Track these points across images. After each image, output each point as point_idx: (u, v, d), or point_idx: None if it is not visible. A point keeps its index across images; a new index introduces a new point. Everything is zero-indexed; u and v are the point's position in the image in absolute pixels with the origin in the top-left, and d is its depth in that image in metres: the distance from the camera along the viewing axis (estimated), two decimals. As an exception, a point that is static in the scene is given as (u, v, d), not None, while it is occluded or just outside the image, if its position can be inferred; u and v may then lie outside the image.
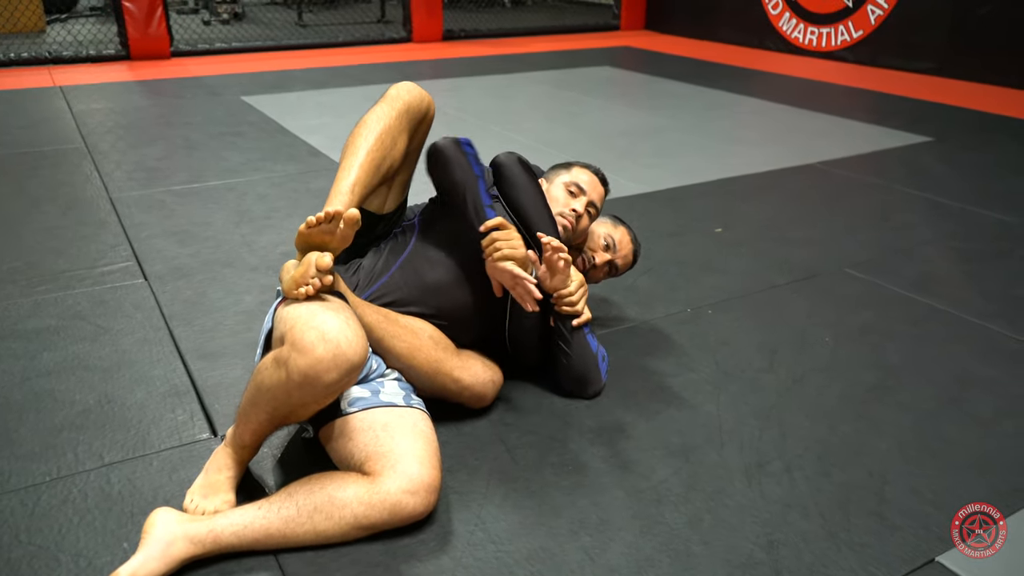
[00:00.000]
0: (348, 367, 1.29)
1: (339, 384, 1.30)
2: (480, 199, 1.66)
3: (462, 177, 1.68)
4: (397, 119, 1.66)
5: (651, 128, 4.38)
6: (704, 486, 1.52)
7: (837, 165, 3.71)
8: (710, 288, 2.38)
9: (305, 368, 1.27)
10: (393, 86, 1.73)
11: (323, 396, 1.32)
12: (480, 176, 1.70)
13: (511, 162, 1.77)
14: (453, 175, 1.69)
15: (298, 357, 1.27)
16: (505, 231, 1.63)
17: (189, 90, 5.23)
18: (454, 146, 1.72)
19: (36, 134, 4.05)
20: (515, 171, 1.75)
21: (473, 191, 1.67)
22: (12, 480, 1.51)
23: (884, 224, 2.95)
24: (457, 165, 1.70)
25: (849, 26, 6.60)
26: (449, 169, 1.70)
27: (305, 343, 1.27)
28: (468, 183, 1.68)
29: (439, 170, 1.72)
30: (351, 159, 1.60)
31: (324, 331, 1.28)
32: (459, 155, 1.71)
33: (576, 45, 7.54)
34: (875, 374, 1.93)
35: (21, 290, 2.29)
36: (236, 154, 3.72)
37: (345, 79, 5.68)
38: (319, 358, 1.26)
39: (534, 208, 1.73)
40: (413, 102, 1.69)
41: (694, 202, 3.16)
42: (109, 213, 2.92)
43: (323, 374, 1.27)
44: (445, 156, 1.70)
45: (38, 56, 6.16)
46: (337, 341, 1.27)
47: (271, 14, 9.14)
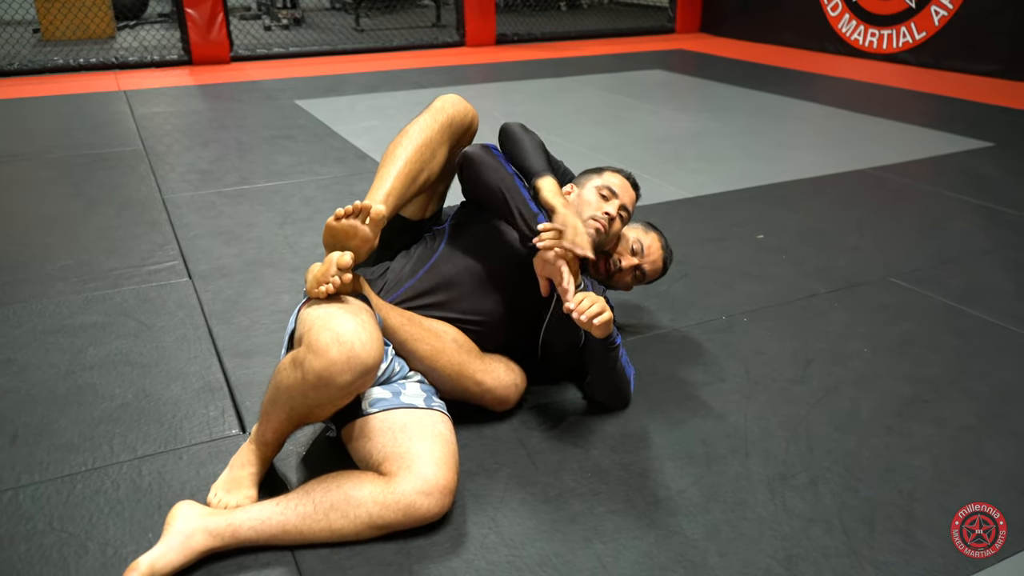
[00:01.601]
0: (362, 369, 1.30)
1: (353, 386, 1.32)
2: (524, 200, 1.66)
3: (498, 179, 1.68)
4: (439, 131, 1.68)
5: (699, 132, 4.32)
6: (725, 497, 1.50)
7: (891, 171, 3.61)
8: (746, 296, 2.34)
9: (320, 370, 1.29)
10: (438, 98, 1.75)
11: (338, 397, 1.34)
12: (515, 174, 1.71)
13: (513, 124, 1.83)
14: (488, 179, 1.69)
15: (313, 359, 1.29)
16: (558, 233, 1.61)
17: (245, 94, 5.36)
18: (484, 151, 1.73)
19: (98, 137, 4.20)
20: (515, 128, 1.81)
21: (514, 191, 1.67)
22: (50, 469, 1.57)
23: (936, 232, 2.86)
24: (491, 168, 1.70)
25: (912, 28, 6.42)
26: (484, 174, 1.70)
27: (320, 345, 1.29)
28: (506, 183, 1.68)
29: (473, 177, 1.72)
30: (388, 168, 1.62)
31: (339, 333, 1.30)
32: (491, 158, 1.71)
33: (630, 48, 7.49)
34: (913, 387, 1.87)
35: (72, 287, 2.38)
36: (286, 157, 3.80)
37: (397, 83, 5.76)
38: (333, 360, 1.28)
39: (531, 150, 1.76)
40: (457, 115, 1.71)
41: (737, 208, 3.12)
42: (160, 213, 3.02)
43: (337, 376, 1.29)
44: (478, 162, 1.71)
45: (106, 61, 6.39)
46: (351, 344, 1.29)
47: (330, 19, 9.31)
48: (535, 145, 1.78)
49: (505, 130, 1.82)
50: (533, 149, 1.76)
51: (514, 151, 1.77)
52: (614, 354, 1.66)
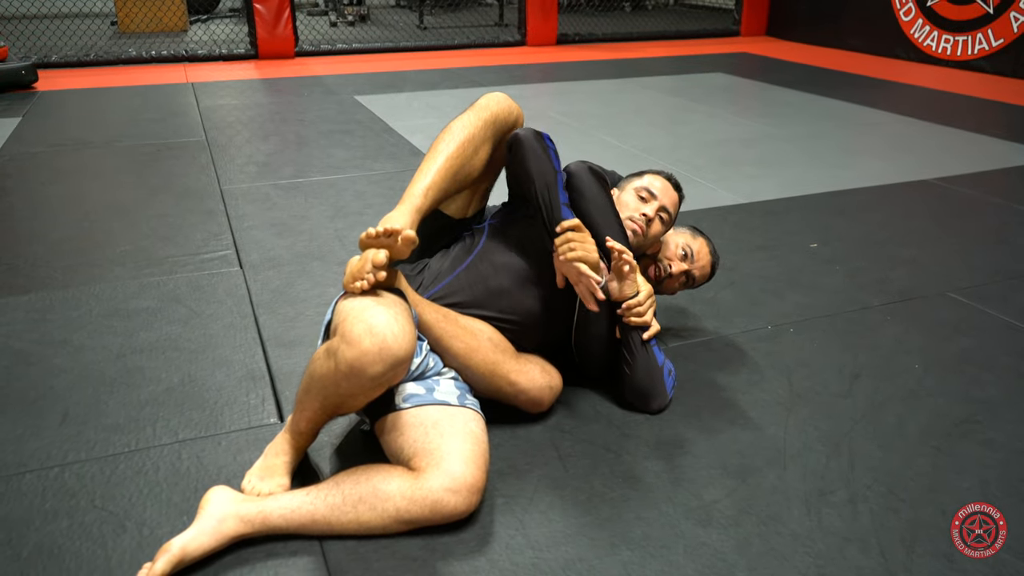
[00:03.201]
0: (393, 361, 1.31)
1: (384, 377, 1.33)
2: (557, 196, 1.66)
3: (540, 170, 1.68)
4: (483, 128, 1.68)
5: (758, 137, 4.24)
6: (758, 511, 1.46)
7: (957, 182, 3.48)
8: (795, 306, 2.29)
9: (352, 360, 1.31)
10: (484, 96, 1.75)
11: (369, 388, 1.35)
12: (559, 171, 1.70)
13: (581, 171, 1.75)
14: (530, 167, 1.68)
15: (346, 349, 1.31)
16: (581, 233, 1.62)
17: (307, 88, 5.46)
18: (535, 138, 1.71)
19: (164, 127, 4.33)
20: (585, 180, 1.74)
21: (550, 186, 1.66)
22: (96, 448, 1.62)
23: (1000, 247, 2.76)
24: (536, 157, 1.69)
25: (989, 34, 6.19)
26: (528, 160, 1.69)
27: (353, 336, 1.31)
28: (546, 177, 1.67)
29: (517, 160, 1.71)
30: (430, 163, 1.64)
31: (372, 325, 1.31)
32: (540, 148, 1.70)
33: (693, 51, 7.40)
34: (965, 407, 1.80)
35: (129, 272, 2.46)
36: (341, 151, 3.86)
37: (456, 81, 5.79)
38: (365, 351, 1.30)
39: (603, 217, 1.72)
40: (501, 113, 1.71)
41: (792, 215, 3.05)
42: (217, 203, 3.09)
43: (368, 367, 1.30)
44: (525, 147, 1.70)
45: (176, 54, 6.59)
46: (384, 335, 1.31)
47: (395, 16, 9.42)
48: (606, 204, 1.75)
49: (572, 180, 1.76)
50: (604, 216, 1.74)
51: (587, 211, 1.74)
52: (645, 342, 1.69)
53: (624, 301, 1.69)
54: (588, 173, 1.74)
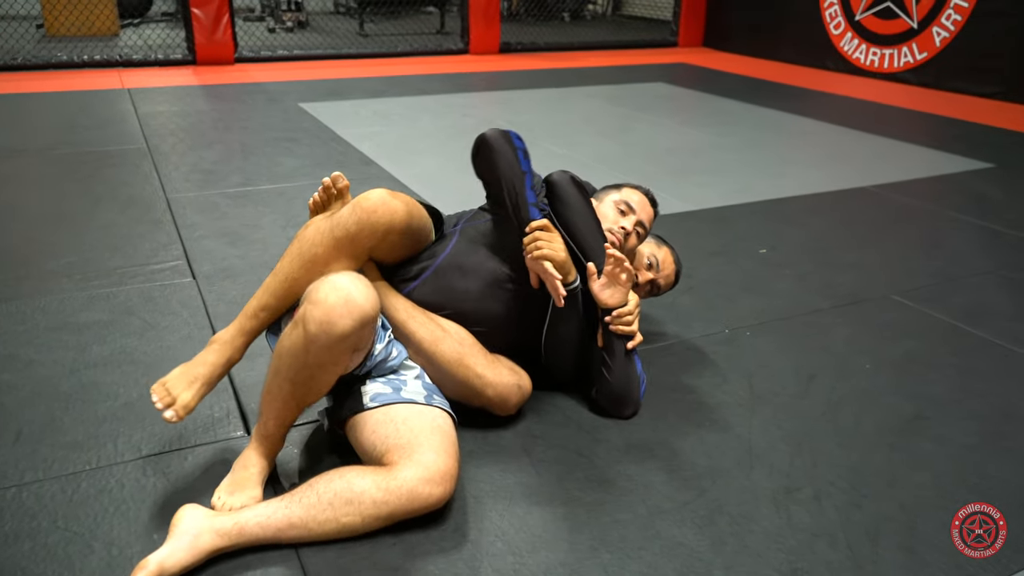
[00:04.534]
0: (360, 314, 1.35)
1: (353, 333, 1.36)
2: (525, 196, 1.67)
3: (506, 170, 1.69)
4: (334, 249, 1.54)
5: (703, 146, 4.35)
6: (730, 510, 1.50)
7: (892, 189, 3.63)
8: (750, 310, 2.35)
9: (320, 317, 1.34)
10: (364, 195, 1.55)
11: (339, 352, 1.38)
12: (527, 172, 1.71)
13: (564, 180, 1.78)
14: (498, 168, 1.70)
15: (313, 309, 1.35)
16: (549, 232, 1.64)
17: (249, 95, 5.37)
18: (502, 138, 1.72)
19: (102, 134, 4.20)
20: (568, 190, 1.77)
21: (517, 186, 1.68)
22: (55, 467, 1.56)
23: (937, 251, 2.88)
24: (503, 158, 1.70)
25: (913, 48, 6.46)
26: (495, 161, 1.70)
27: (318, 296, 1.36)
28: (513, 177, 1.69)
29: (484, 162, 1.73)
30: (271, 280, 1.59)
31: (335, 283, 1.37)
32: (507, 148, 1.71)
33: (633, 61, 7.53)
34: (915, 404, 1.88)
35: (76, 284, 2.38)
36: (289, 159, 3.80)
37: (401, 88, 5.77)
38: (332, 305, 1.34)
39: (586, 226, 1.74)
40: (363, 232, 1.53)
41: (741, 222, 3.13)
42: (164, 213, 3.02)
43: (337, 321, 1.34)
44: (492, 148, 1.71)
45: (110, 59, 6.39)
46: (348, 290, 1.36)
47: (334, 23, 9.33)
48: (588, 214, 1.76)
49: (555, 189, 1.77)
50: (588, 226, 1.75)
51: (569, 220, 1.75)
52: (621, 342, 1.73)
53: (614, 309, 1.71)
54: (570, 183, 1.77)
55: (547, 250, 1.62)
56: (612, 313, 1.71)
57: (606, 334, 1.73)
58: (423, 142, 4.13)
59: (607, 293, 1.70)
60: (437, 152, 3.96)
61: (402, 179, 3.49)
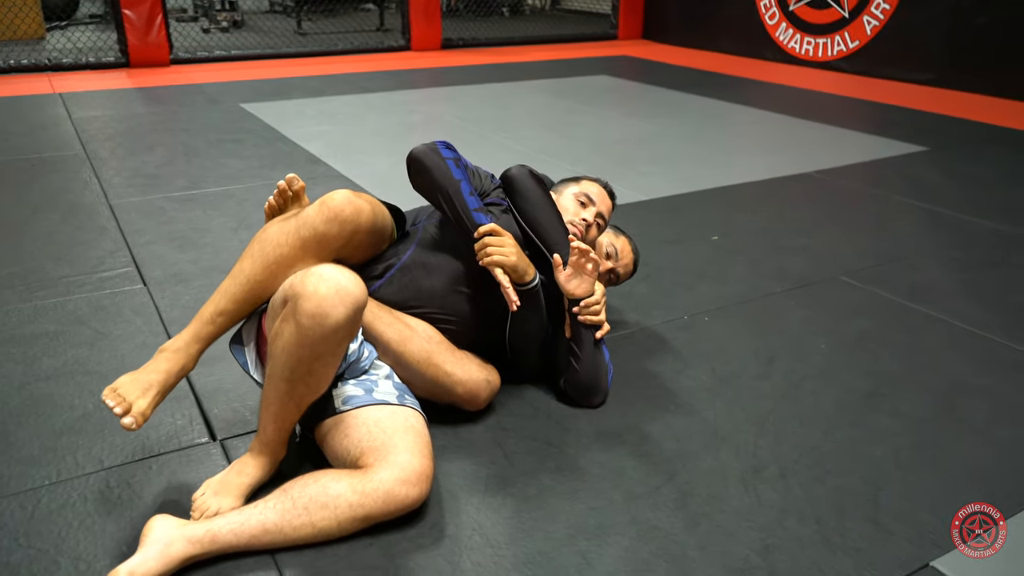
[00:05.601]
0: (352, 301, 1.33)
1: (347, 321, 1.34)
2: (465, 203, 1.67)
3: (442, 183, 1.69)
4: (300, 249, 1.50)
5: (648, 137, 4.40)
6: (700, 491, 1.53)
7: (834, 175, 3.73)
8: (707, 295, 2.39)
9: (313, 309, 1.31)
10: (330, 194, 1.54)
11: (335, 341, 1.36)
12: (463, 179, 1.70)
13: (523, 175, 1.79)
14: (432, 182, 1.70)
15: (303, 302, 1.32)
16: (498, 237, 1.64)
17: (188, 97, 5.24)
18: (431, 152, 1.71)
19: (36, 140, 4.06)
20: (527, 184, 1.78)
21: (454, 196, 1.67)
22: (12, 484, 1.51)
23: (881, 233, 2.97)
24: (435, 171, 1.70)
25: (845, 36, 6.64)
26: (427, 177, 1.70)
27: (307, 288, 1.33)
28: (448, 188, 1.68)
29: (417, 179, 1.73)
30: (229, 283, 1.52)
31: (322, 273, 1.35)
32: (436, 160, 1.70)
33: (574, 54, 7.57)
34: (870, 381, 1.94)
35: (20, 295, 2.30)
36: (235, 161, 3.73)
37: (344, 87, 5.70)
38: (324, 296, 1.32)
39: (547, 219, 1.75)
40: (331, 231, 1.51)
41: (691, 210, 3.18)
42: (108, 219, 2.93)
43: (330, 310, 1.31)
44: (422, 164, 1.71)
45: (38, 63, 6.18)
46: (336, 278, 1.34)
47: (270, 22, 9.16)
48: (548, 207, 1.77)
49: (514, 183, 1.78)
50: (549, 218, 1.76)
51: (530, 214, 1.76)
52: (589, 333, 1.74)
53: (581, 299, 1.73)
54: (529, 177, 1.78)
55: (496, 256, 1.62)
56: (580, 303, 1.72)
57: (574, 324, 1.75)
58: (371, 140, 4.09)
59: (574, 283, 1.72)
60: (386, 150, 3.93)
61: (352, 178, 3.46)
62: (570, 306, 1.74)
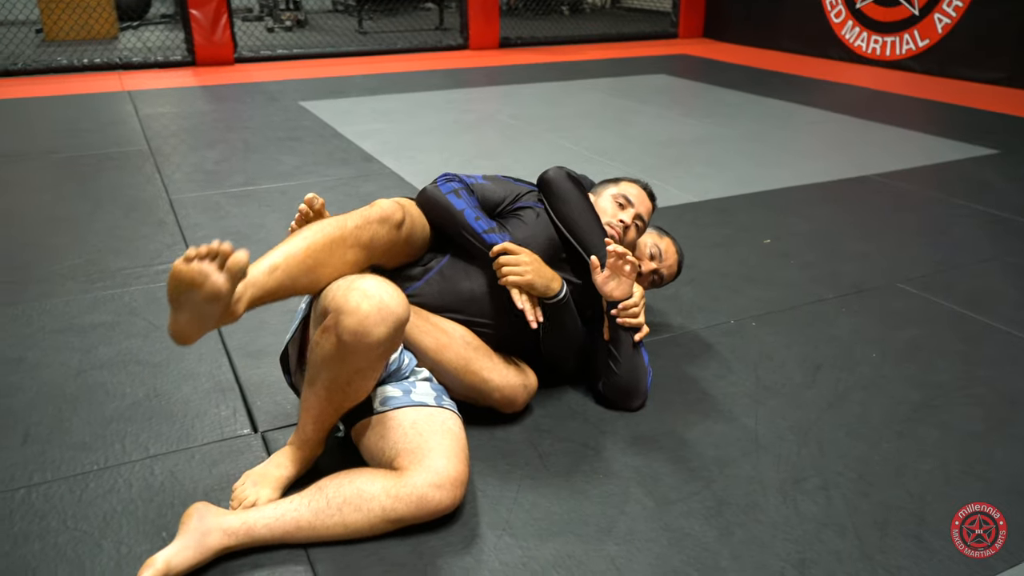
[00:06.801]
0: (394, 320, 1.33)
1: (388, 339, 1.34)
2: (472, 229, 1.68)
3: (448, 218, 1.70)
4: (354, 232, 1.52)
5: (704, 137, 4.34)
6: (736, 500, 1.50)
7: (895, 177, 3.62)
8: (754, 300, 2.35)
9: (354, 326, 1.31)
10: (375, 203, 1.60)
11: (375, 358, 1.37)
12: (466, 207, 1.70)
13: (559, 177, 1.79)
14: (440, 218, 1.72)
15: (345, 318, 1.32)
16: (512, 256, 1.64)
17: (250, 95, 5.37)
18: (432, 192, 1.73)
19: (103, 137, 4.21)
20: (564, 186, 1.78)
21: (462, 226, 1.68)
22: (63, 467, 1.57)
23: (941, 239, 2.87)
24: (439, 207, 1.71)
25: (915, 35, 6.43)
26: (434, 214, 1.72)
27: (350, 304, 1.33)
28: (454, 220, 1.69)
29: (430, 215, 1.74)
30: (286, 245, 1.47)
31: (365, 289, 1.34)
32: (438, 197, 1.72)
33: (633, 53, 7.51)
34: (922, 392, 1.87)
35: (81, 286, 2.39)
36: (291, 158, 3.81)
37: (401, 85, 5.77)
38: (366, 313, 1.31)
39: (584, 221, 1.75)
40: (378, 236, 1.55)
41: (743, 213, 3.12)
42: (168, 214, 3.02)
43: (372, 328, 1.32)
44: (429, 203, 1.72)
45: (109, 62, 6.40)
46: (380, 296, 1.33)
47: (333, 21, 9.32)
48: (585, 209, 1.77)
49: (551, 186, 1.79)
50: (586, 220, 1.76)
51: (567, 216, 1.77)
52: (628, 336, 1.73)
53: (619, 301, 1.72)
54: (565, 179, 1.77)
55: (512, 276, 1.62)
56: (618, 305, 1.71)
57: (612, 327, 1.73)
58: (425, 138, 4.13)
59: (611, 285, 1.70)
60: (440, 148, 3.96)
61: (405, 176, 3.49)
62: (608, 308, 1.73)
